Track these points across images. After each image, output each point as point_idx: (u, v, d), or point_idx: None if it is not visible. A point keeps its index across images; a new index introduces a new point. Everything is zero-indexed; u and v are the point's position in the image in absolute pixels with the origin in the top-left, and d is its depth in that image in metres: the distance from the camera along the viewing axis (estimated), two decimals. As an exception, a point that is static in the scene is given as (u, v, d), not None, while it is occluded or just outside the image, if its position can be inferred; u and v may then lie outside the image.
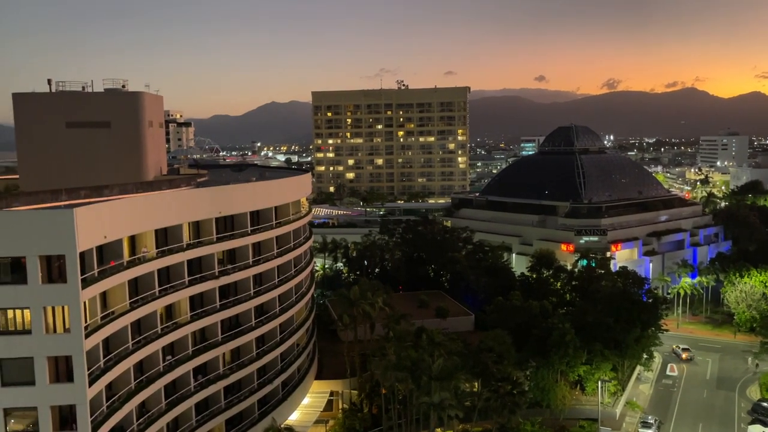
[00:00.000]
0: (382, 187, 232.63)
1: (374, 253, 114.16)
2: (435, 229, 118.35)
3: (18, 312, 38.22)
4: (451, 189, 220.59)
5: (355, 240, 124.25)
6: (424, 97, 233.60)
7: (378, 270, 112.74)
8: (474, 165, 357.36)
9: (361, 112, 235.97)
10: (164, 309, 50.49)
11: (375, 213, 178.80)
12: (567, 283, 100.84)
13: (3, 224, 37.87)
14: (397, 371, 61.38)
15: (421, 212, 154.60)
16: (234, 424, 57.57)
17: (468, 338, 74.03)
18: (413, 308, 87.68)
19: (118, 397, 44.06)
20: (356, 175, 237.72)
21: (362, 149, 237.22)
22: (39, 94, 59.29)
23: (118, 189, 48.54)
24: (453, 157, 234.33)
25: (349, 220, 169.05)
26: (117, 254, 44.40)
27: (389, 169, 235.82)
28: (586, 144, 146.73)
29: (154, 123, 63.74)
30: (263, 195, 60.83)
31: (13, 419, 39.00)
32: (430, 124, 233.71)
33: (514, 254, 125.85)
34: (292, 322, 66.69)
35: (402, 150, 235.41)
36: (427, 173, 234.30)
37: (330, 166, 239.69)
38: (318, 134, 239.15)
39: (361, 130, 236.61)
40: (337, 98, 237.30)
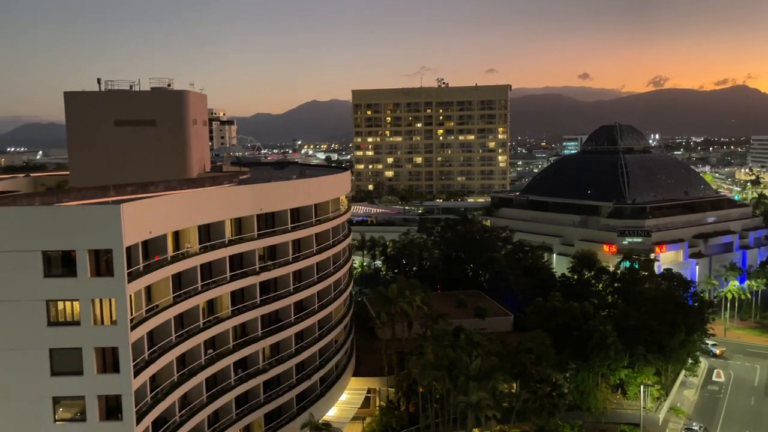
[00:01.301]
0: (421, 185, 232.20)
1: (412, 252, 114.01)
2: (474, 229, 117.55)
3: (68, 304, 39.47)
4: (491, 188, 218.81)
5: (393, 238, 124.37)
6: (464, 95, 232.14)
7: (416, 269, 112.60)
8: (514, 164, 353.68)
9: (400, 110, 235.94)
10: (206, 303, 51.46)
11: (413, 211, 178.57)
12: (609, 284, 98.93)
13: (55, 219, 39.21)
14: (435, 370, 61.26)
15: (460, 211, 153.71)
16: (273, 418, 58.36)
17: (507, 339, 73.32)
18: (451, 308, 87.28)
19: (162, 389, 45.15)
20: (395, 174, 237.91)
21: (401, 147, 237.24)
22: (89, 92, 61.08)
23: (163, 186, 49.68)
24: (493, 155, 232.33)
25: (387, 219, 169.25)
26: (161, 249, 45.44)
27: (428, 168, 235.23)
28: (630, 143, 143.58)
29: (198, 121, 65.01)
30: (303, 193, 61.43)
31: (62, 408, 40.35)
32: (470, 123, 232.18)
33: (555, 255, 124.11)
34: (331, 318, 67.21)
35: (441, 148, 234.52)
36: (467, 172, 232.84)
37: (369, 165, 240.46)
38: (357, 132, 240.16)
39: (400, 128, 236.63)
40: (376, 96, 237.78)
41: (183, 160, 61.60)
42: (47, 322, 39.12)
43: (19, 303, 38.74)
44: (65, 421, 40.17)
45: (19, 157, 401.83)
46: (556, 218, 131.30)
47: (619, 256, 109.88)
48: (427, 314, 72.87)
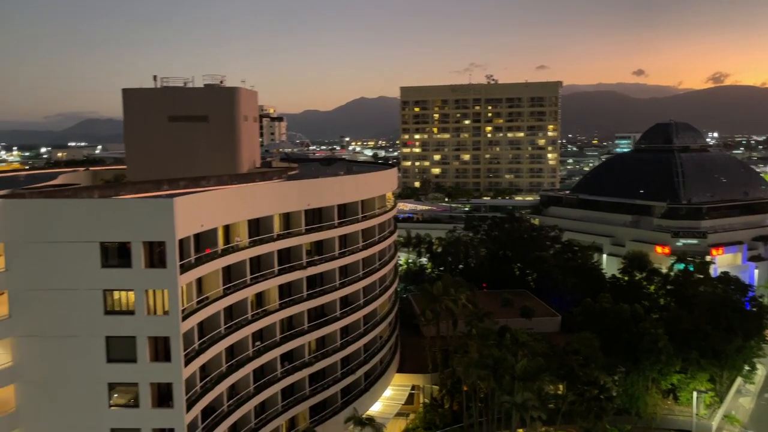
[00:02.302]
0: (468, 183, 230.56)
1: (458, 250, 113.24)
2: (522, 227, 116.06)
3: (123, 294, 40.82)
4: (540, 186, 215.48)
5: (439, 236, 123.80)
6: (513, 92, 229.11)
7: (462, 266, 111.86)
8: (564, 162, 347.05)
9: (448, 107, 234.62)
10: (255, 296, 52.46)
11: (460, 209, 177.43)
12: (661, 287, 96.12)
13: (112, 211, 40.64)
14: (480, 369, 60.86)
15: (508, 209, 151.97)
16: (317, 411, 59.11)
17: (553, 339, 72.26)
18: (497, 307, 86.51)
19: (211, 379, 46.29)
20: (442, 171, 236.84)
21: (449, 144, 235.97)
22: (145, 89, 62.93)
23: (215, 180, 50.79)
24: (542, 153, 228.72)
25: (433, 216, 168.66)
26: (212, 242, 46.55)
27: (476, 165, 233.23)
28: (686, 141, 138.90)
29: (249, 117, 66.22)
30: (350, 189, 61.88)
31: (116, 393, 41.81)
32: (520, 120, 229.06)
33: (605, 255, 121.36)
34: (376, 314, 67.55)
35: (489, 145, 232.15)
36: (515, 169, 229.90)
37: (416, 162, 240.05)
38: (405, 129, 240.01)
39: (448, 125, 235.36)
40: (424, 93, 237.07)
41: (234, 156, 62.86)
42: (104, 310, 40.55)
43: (78, 292, 40.29)
44: (119, 407, 41.59)
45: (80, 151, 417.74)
46: (606, 218, 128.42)
47: (673, 258, 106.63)
48: (473, 312, 72.43)
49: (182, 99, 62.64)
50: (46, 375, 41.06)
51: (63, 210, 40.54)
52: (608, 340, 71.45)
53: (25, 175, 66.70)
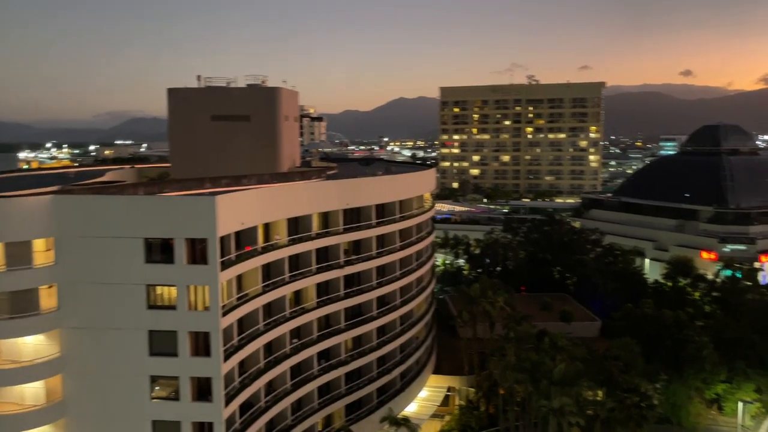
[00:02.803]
0: (507, 184, 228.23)
1: (496, 252, 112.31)
2: (562, 230, 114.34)
3: (165, 289, 41.74)
4: (581, 188, 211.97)
5: (477, 237, 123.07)
6: (555, 93, 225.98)
7: (500, 269, 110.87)
8: (607, 164, 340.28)
9: (488, 107, 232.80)
10: (293, 294, 53.00)
11: (499, 210, 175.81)
12: (706, 293, 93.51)
13: (156, 208, 41.63)
14: (517, 372, 60.19)
15: (548, 211, 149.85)
16: (353, 410, 59.35)
17: (593, 345, 70.99)
18: (535, 310, 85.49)
19: (249, 375, 46.95)
20: (481, 172, 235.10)
21: (488, 145, 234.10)
22: (189, 89, 64.16)
23: (256, 179, 51.50)
24: (584, 155, 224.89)
25: (471, 217, 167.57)
26: (252, 240, 47.22)
27: (515, 166, 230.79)
28: (735, 144, 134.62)
29: (290, 117, 66.92)
30: (388, 189, 61.98)
31: (158, 386, 42.78)
32: (561, 121, 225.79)
33: (648, 260, 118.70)
34: (412, 315, 67.49)
35: (530, 147, 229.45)
36: (556, 171, 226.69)
37: (455, 162, 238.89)
38: (444, 130, 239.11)
39: (488, 126, 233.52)
40: (464, 94, 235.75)
41: (274, 155, 63.61)
42: (147, 305, 41.53)
43: (123, 286, 41.37)
44: (161, 399, 42.51)
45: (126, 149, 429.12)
46: (650, 222, 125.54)
47: (720, 264, 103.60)
48: (510, 315, 71.73)
49: (225, 98, 63.66)
50: (91, 366, 42.24)
51: (110, 206, 41.67)
52: (650, 347, 69.91)
53: (74, 172, 68.77)
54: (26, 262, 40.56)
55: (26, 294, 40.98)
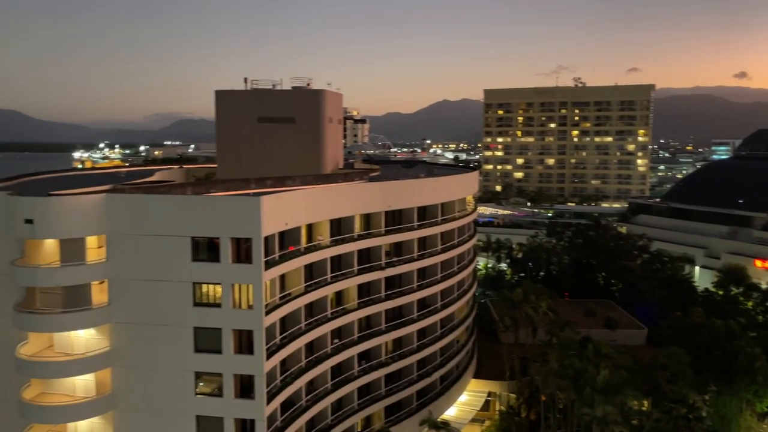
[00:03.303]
0: (552, 188, 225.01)
1: (540, 256, 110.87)
2: (608, 235, 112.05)
3: (211, 287, 42.61)
4: (628, 193, 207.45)
5: (520, 241, 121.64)
6: (602, 95, 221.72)
7: (543, 274, 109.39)
8: (655, 168, 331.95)
9: (533, 110, 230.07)
10: (334, 295, 53.41)
11: (542, 214, 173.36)
12: (760, 303, 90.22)
13: (203, 208, 42.56)
14: (559, 379, 59.23)
15: (593, 216, 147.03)
16: (393, 412, 59.40)
17: (638, 353, 69.32)
18: (579, 316, 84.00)
19: (290, 373, 47.50)
20: (525, 175, 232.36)
21: (532, 148, 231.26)
22: (236, 91, 65.34)
23: (300, 180, 52.09)
24: (632, 159, 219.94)
25: (514, 221, 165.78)
26: (295, 240, 47.78)
27: (560, 170, 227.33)
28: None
29: (334, 119, 67.49)
30: (430, 191, 61.87)
31: (202, 382, 43.71)
32: (608, 124, 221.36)
33: (697, 267, 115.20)
34: (453, 318, 67.17)
35: (575, 150, 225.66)
36: (602, 175, 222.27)
37: (498, 165, 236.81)
38: (488, 132, 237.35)
39: (532, 128, 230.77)
40: (509, 96, 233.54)
41: (318, 157, 64.23)
42: (193, 302, 42.49)
43: (170, 283, 42.43)
44: (204, 395, 43.42)
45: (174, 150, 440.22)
46: (700, 228, 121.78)
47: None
48: (553, 321, 70.68)
49: (271, 101, 64.60)
50: (139, 361, 43.46)
51: (158, 205, 42.81)
52: (699, 357, 67.78)
53: (125, 172, 70.86)
54: (80, 258, 42.04)
55: (79, 289, 42.49)
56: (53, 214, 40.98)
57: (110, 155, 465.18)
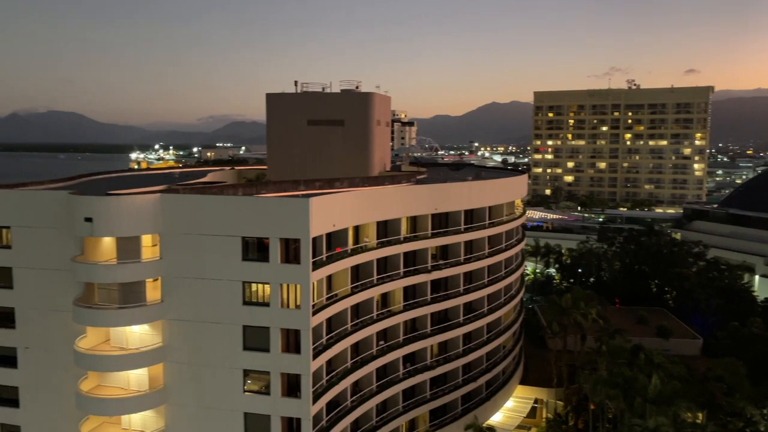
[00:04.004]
0: (603, 192, 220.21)
1: (590, 262, 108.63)
2: (661, 241, 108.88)
3: (260, 286, 43.34)
4: (684, 198, 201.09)
5: (569, 246, 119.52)
6: (657, 98, 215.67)
7: (593, 280, 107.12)
8: (712, 173, 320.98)
9: (584, 112, 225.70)
10: (380, 297, 53.59)
11: (593, 219, 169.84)
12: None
13: (254, 208, 43.37)
14: (609, 388, 57.82)
15: (646, 221, 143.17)
16: (438, 415, 59.18)
17: (693, 363, 67.12)
18: (630, 324, 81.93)
19: (336, 374, 47.87)
20: (575, 179, 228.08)
21: (584, 151, 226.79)
22: (287, 94, 66.51)
23: (347, 182, 52.57)
24: (688, 163, 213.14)
25: (564, 225, 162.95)
26: (343, 242, 48.19)
27: (612, 174, 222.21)
28: None
29: (382, 122, 67.85)
30: (478, 194, 61.41)
31: (250, 380, 44.51)
32: (663, 127, 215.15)
33: (757, 276, 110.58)
34: (500, 323, 66.47)
35: (628, 154, 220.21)
36: (656, 180, 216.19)
37: (548, 168, 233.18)
38: (537, 135, 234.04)
39: (583, 131, 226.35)
40: (559, 98, 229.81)
41: (366, 159, 64.68)
42: (242, 301, 43.33)
43: (221, 282, 43.38)
44: (252, 393, 44.18)
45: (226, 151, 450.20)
46: (761, 235, 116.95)
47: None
48: (603, 328, 69.15)
49: (320, 103, 65.43)
50: (190, 357, 44.56)
51: (211, 205, 43.82)
52: (757, 369, 65.21)
53: (179, 173, 72.86)
54: (135, 256, 43.41)
55: (135, 286, 43.90)
56: (111, 212, 42.43)
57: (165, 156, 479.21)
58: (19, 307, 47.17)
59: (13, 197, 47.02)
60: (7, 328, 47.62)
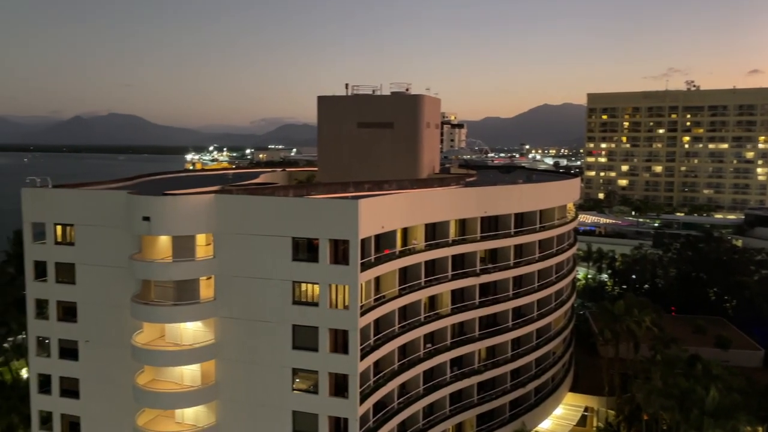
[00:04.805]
0: (659, 196, 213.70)
1: (644, 268, 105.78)
2: (721, 248, 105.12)
3: (309, 286, 43.86)
4: (745, 204, 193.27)
5: (623, 252, 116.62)
6: (718, 99, 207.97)
7: (647, 286, 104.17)
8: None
9: (640, 114, 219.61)
10: (428, 299, 53.46)
11: (648, 224, 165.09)
12: None
13: (303, 209, 43.97)
14: (664, 399, 56.08)
15: (705, 227, 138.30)
16: (485, 420, 58.62)
17: (754, 375, 64.54)
18: (687, 333, 79.32)
19: (383, 375, 48.00)
20: (629, 183, 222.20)
21: (639, 155, 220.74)
22: (337, 97, 67.20)
23: (396, 184, 52.67)
24: (750, 167, 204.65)
25: (617, 230, 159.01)
26: (391, 244, 48.29)
27: (668, 178, 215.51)
28: None
29: (431, 124, 67.76)
30: (529, 197, 60.60)
31: (298, 378, 45.08)
32: (724, 130, 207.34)
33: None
34: (550, 329, 65.36)
35: (686, 157, 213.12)
36: (716, 184, 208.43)
37: (601, 172, 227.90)
38: (590, 138, 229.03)
39: (639, 134, 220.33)
40: (614, 100, 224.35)
41: (415, 161, 64.72)
42: (292, 300, 43.94)
43: (272, 281, 44.08)
44: (301, 391, 44.71)
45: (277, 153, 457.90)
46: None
47: None
48: (658, 337, 67.16)
49: (370, 106, 65.81)
50: (240, 354, 45.45)
51: (263, 206, 44.65)
52: (825, 384, 61.99)
53: (233, 174, 74.46)
54: (190, 254, 44.62)
55: (189, 284, 45.12)
56: (167, 212, 43.74)
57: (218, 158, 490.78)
58: (80, 302, 49.17)
59: (77, 196, 49.11)
60: (69, 321, 49.73)
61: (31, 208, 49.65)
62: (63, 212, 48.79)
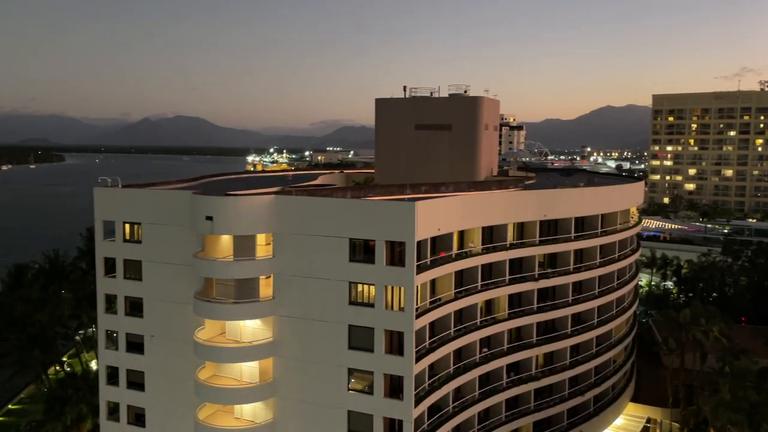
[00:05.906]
0: (729, 201, 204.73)
1: (712, 276, 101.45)
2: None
3: (365, 287, 44.15)
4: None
5: (689, 258, 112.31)
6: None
7: (715, 295, 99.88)
8: None
9: (709, 116, 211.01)
10: (484, 303, 52.88)
11: (717, 230, 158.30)
12: None
13: (361, 211, 44.34)
14: (732, 412, 53.70)
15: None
16: (542, 427, 57.53)
17: (832, 392, 60.76)
18: (758, 344, 75.53)
19: (438, 378, 47.82)
20: (697, 187, 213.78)
21: (707, 158, 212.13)
22: (395, 99, 67.39)
23: (453, 187, 52.37)
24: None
25: (684, 236, 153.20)
26: (447, 246, 48.05)
27: (740, 182, 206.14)
28: None
29: (490, 126, 67.07)
30: (590, 201, 59.17)
31: (354, 378, 45.43)
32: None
33: None
34: (610, 336, 63.58)
35: (759, 160, 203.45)
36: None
37: (666, 176, 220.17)
38: (656, 140, 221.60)
39: (708, 136, 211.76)
40: (681, 101, 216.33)
41: (472, 164, 64.21)
42: (348, 301, 44.35)
43: (329, 281, 44.63)
44: (356, 392, 45.02)
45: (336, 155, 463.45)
46: None
47: None
48: (726, 347, 64.27)
49: (428, 108, 65.70)
50: (298, 353, 46.16)
51: (321, 207, 45.23)
52: None
53: (292, 175, 75.81)
54: (250, 254, 45.71)
55: (249, 282, 46.21)
56: (230, 212, 44.93)
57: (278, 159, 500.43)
58: (146, 298, 51.07)
59: (145, 196, 51.09)
60: (135, 316, 51.73)
61: (103, 206, 51.99)
62: (131, 211, 50.84)
